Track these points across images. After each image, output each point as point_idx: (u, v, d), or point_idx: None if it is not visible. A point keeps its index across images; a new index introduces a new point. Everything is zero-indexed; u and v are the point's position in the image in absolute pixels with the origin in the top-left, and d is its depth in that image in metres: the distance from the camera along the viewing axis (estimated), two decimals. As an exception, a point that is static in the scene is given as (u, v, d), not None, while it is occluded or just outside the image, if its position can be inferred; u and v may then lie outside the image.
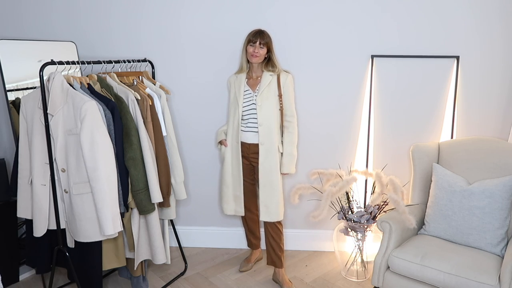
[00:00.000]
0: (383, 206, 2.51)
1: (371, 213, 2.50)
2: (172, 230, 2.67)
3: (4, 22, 2.62)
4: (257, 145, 2.40)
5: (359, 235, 2.54)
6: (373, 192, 2.55)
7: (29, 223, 2.12)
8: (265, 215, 2.42)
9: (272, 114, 2.37)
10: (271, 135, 2.38)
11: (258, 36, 2.33)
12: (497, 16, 2.50)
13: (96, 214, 1.93)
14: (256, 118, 2.38)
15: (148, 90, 2.22)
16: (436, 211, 2.24)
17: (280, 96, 2.39)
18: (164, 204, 2.29)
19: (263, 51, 2.35)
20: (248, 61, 2.41)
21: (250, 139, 2.43)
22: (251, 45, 2.35)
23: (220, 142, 2.52)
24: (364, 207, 2.66)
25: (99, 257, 2.12)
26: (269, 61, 2.40)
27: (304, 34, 2.63)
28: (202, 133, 2.81)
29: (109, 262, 2.21)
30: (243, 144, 2.45)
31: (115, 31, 2.67)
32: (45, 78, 1.92)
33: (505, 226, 2.10)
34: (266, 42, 2.34)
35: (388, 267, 2.15)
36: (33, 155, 1.98)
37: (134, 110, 2.07)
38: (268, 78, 2.38)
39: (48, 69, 1.89)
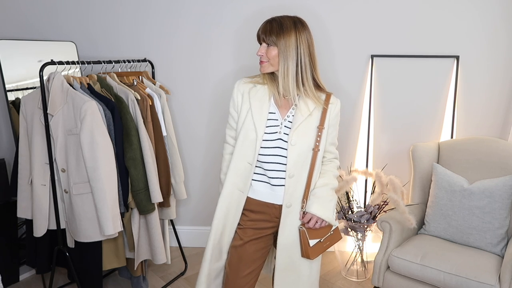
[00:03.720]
0: (383, 206, 2.51)
1: (371, 213, 2.50)
2: (172, 230, 2.67)
3: (4, 22, 2.62)
4: (277, 207, 1.57)
5: (359, 235, 2.54)
6: (373, 192, 2.55)
7: (29, 223, 2.12)
8: None
9: (307, 158, 1.54)
10: (301, 192, 1.55)
11: (262, 30, 1.52)
12: (497, 15, 2.50)
13: (96, 214, 1.92)
14: (283, 164, 1.53)
15: (148, 90, 2.22)
16: (436, 211, 2.24)
17: (320, 128, 1.55)
18: (164, 204, 2.30)
19: (273, 52, 1.50)
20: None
21: (264, 195, 1.58)
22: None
23: None
24: (364, 207, 2.66)
25: (99, 257, 2.12)
26: None
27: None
28: (202, 133, 2.81)
29: (109, 262, 2.21)
30: (250, 202, 1.61)
31: (115, 31, 2.67)
32: (45, 78, 1.91)
33: (505, 226, 2.10)
34: (274, 41, 1.49)
35: (388, 267, 2.15)
36: (33, 155, 1.98)
37: (134, 110, 2.07)
38: (309, 103, 1.55)
39: (48, 69, 1.89)
